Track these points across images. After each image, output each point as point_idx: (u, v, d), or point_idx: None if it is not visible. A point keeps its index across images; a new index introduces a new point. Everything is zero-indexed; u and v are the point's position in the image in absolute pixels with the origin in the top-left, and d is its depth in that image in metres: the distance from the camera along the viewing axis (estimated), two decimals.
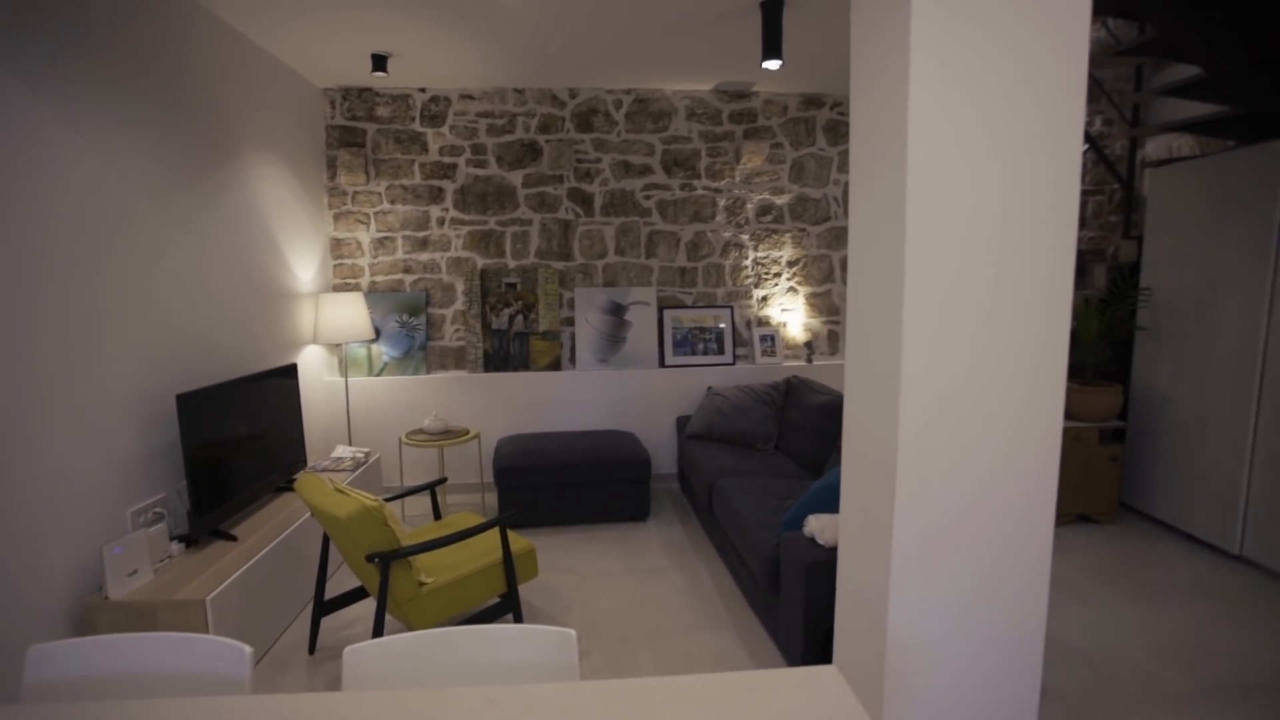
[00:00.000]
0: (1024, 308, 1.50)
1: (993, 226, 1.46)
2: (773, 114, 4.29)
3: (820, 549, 2.11)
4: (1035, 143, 1.45)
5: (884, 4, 1.52)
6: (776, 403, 3.76)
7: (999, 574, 1.59)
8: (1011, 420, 1.53)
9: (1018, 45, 1.41)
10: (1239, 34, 2.78)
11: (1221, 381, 3.03)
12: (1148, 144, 4.26)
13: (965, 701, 1.62)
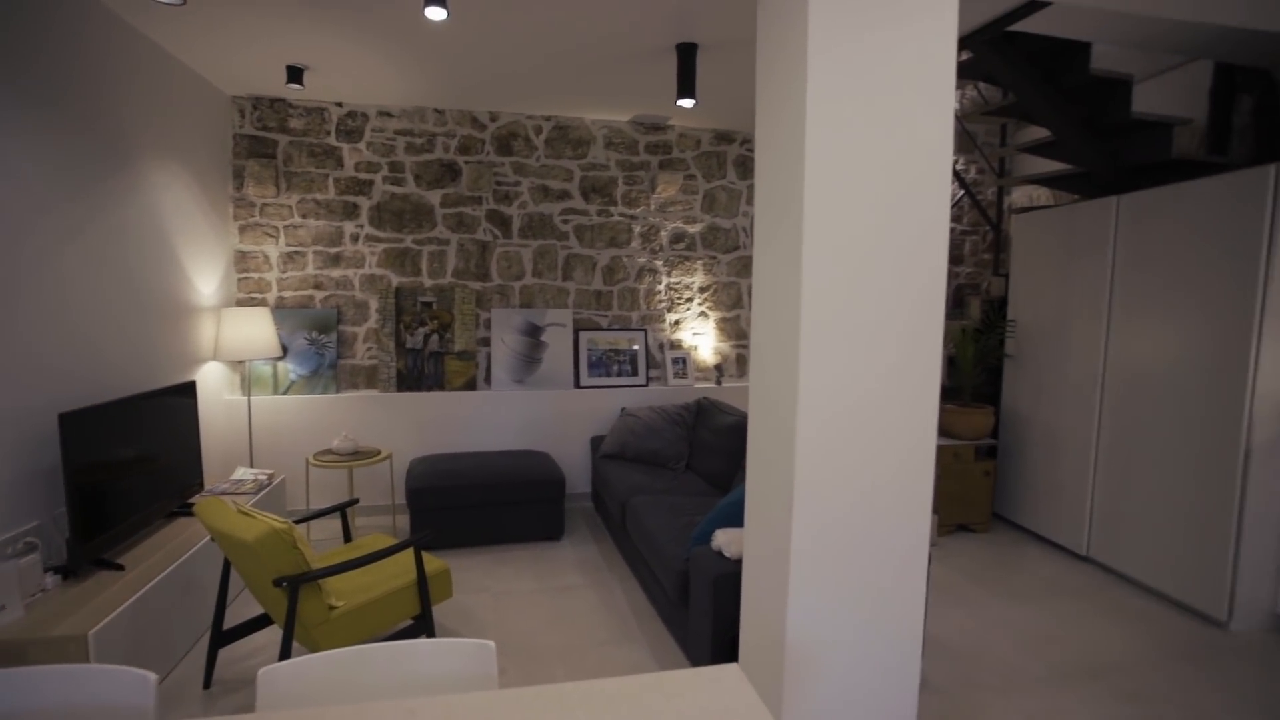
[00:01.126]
0: (903, 336, 1.69)
1: (877, 263, 1.65)
2: (687, 147, 4.50)
3: (727, 562, 2.25)
4: (912, 191, 1.65)
5: (784, 61, 1.70)
6: (687, 423, 3.92)
7: (883, 578, 1.76)
8: (893, 438, 1.72)
9: (897, 103, 1.61)
10: (1079, 107, 3.23)
11: (1071, 403, 3.44)
12: (1013, 192, 4.79)
13: (854, 694, 1.78)
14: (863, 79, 1.59)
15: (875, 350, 1.68)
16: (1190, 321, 2.84)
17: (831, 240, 1.61)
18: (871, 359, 1.68)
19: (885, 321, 1.68)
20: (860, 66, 1.59)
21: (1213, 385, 2.74)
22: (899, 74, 1.62)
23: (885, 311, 1.68)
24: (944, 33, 1.63)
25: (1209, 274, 2.76)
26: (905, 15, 1.59)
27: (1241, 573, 2.68)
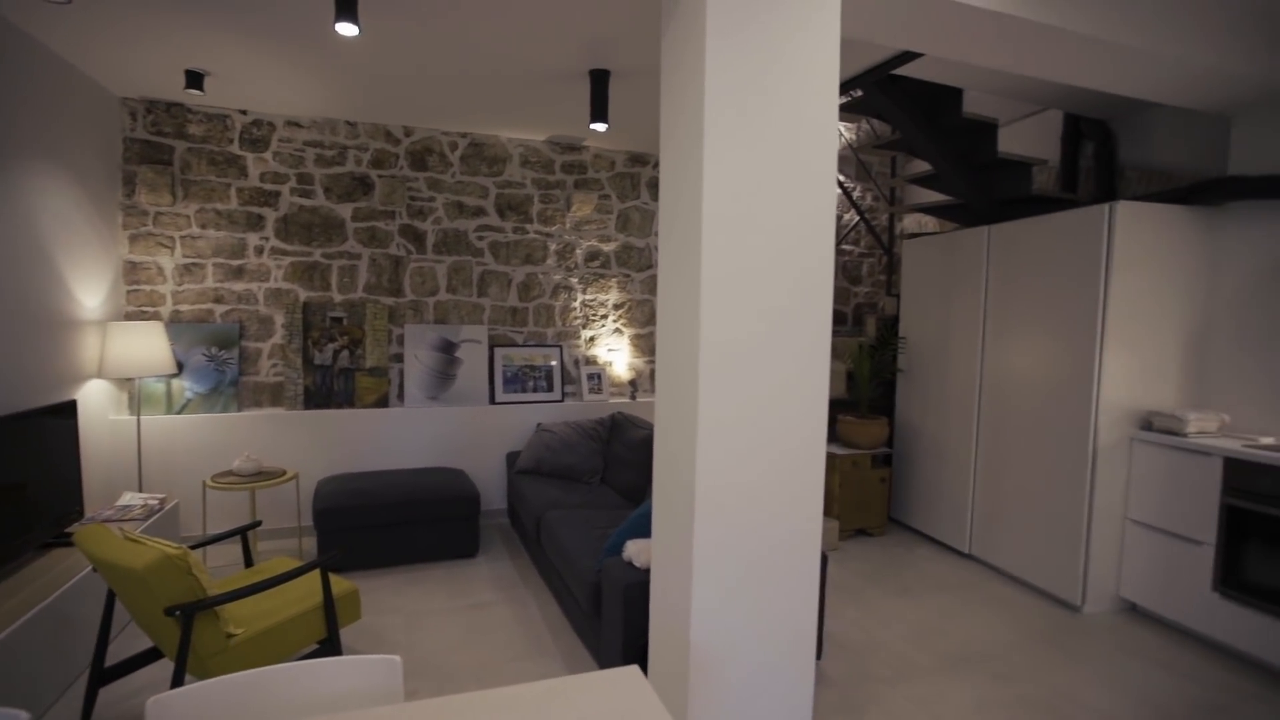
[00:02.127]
0: (794, 353, 1.83)
1: (770, 284, 1.78)
2: (602, 168, 4.62)
3: (637, 571, 2.33)
4: (802, 216, 1.80)
5: (684, 93, 1.83)
6: (602, 437, 4.00)
7: (779, 581, 1.89)
8: (786, 450, 1.85)
9: (787, 136, 1.76)
10: (955, 145, 3.56)
11: (954, 413, 3.76)
12: (905, 219, 5.19)
13: (755, 691, 1.89)
14: (755, 113, 1.73)
15: (769, 367, 1.81)
16: (1048, 339, 3.18)
17: (728, 262, 1.73)
18: (765, 375, 1.81)
19: (778, 339, 1.82)
20: (752, 102, 1.73)
21: (1066, 396, 3.08)
22: (788, 111, 1.77)
23: (778, 329, 1.81)
24: (827, 72, 1.80)
25: (1062, 296, 3.11)
26: (792, 56, 1.75)
27: (1092, 562, 3.01)
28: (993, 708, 2.34)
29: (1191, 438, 2.80)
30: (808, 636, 1.96)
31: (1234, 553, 2.62)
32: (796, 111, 1.78)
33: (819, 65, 1.79)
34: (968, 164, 3.57)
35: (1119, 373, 2.97)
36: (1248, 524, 2.57)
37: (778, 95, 1.76)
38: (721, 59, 1.68)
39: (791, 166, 1.79)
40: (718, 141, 1.70)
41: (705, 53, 1.67)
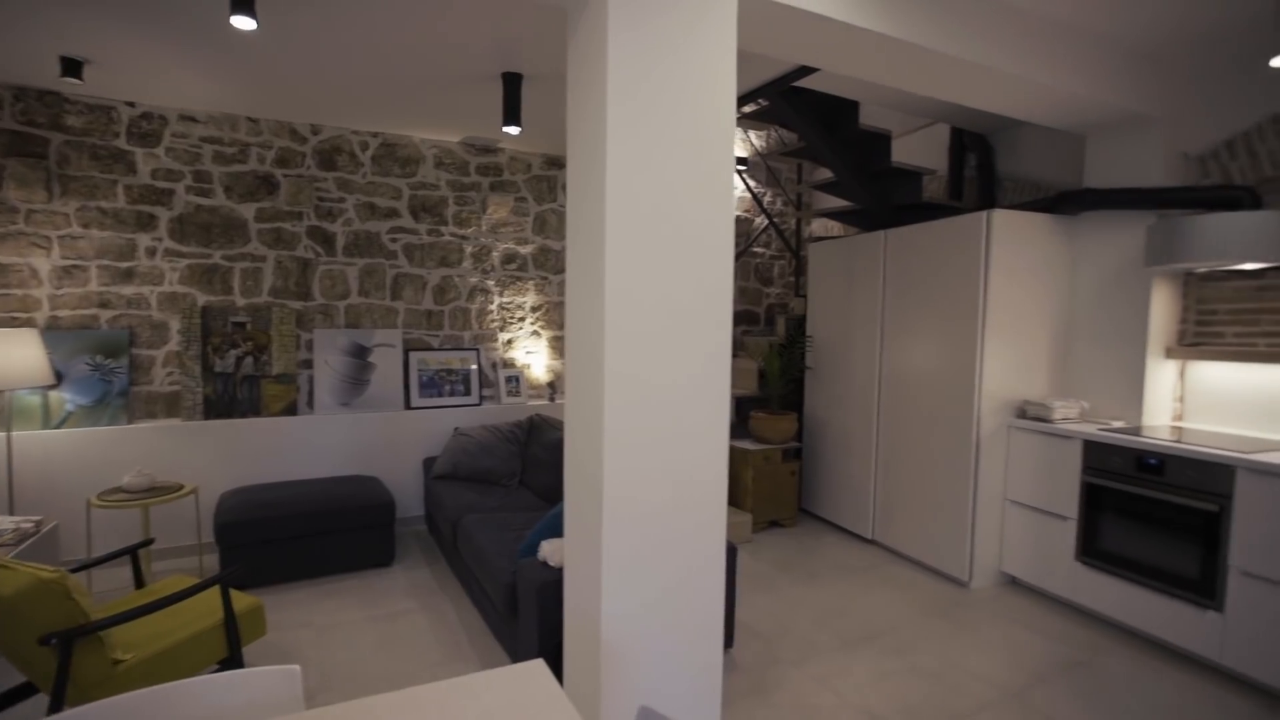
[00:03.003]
0: (697, 352, 1.92)
1: (672, 286, 1.87)
2: (518, 170, 4.61)
3: (552, 570, 2.36)
4: (702, 223, 1.89)
5: (588, 99, 1.89)
6: (520, 440, 4.00)
7: (686, 573, 1.97)
8: (691, 446, 1.93)
9: (686, 142, 1.85)
10: (853, 154, 3.78)
11: (857, 407, 3.99)
12: (812, 223, 5.44)
13: (664, 678, 1.96)
14: (656, 120, 1.80)
15: (673, 364, 1.89)
16: (938, 336, 3.43)
17: (631, 264, 1.80)
18: (669, 372, 1.88)
19: (681, 337, 1.89)
20: (653, 110, 1.80)
21: (953, 388, 3.34)
22: (689, 117, 1.85)
23: (681, 328, 1.89)
24: (724, 81, 1.89)
25: (949, 296, 3.36)
26: (692, 66, 1.83)
27: (977, 541, 3.28)
28: (887, 679, 2.51)
29: (1057, 424, 3.09)
30: (714, 626, 2.05)
31: (1092, 525, 2.92)
32: (697, 118, 1.87)
33: (717, 74, 1.89)
34: (865, 172, 3.80)
35: (997, 366, 3.24)
36: (1103, 499, 2.87)
37: (678, 103, 1.84)
38: (623, 67, 1.75)
39: (692, 171, 1.87)
40: (620, 148, 1.76)
41: (607, 61, 1.73)
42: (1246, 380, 2.94)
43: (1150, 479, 2.70)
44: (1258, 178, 2.90)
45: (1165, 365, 3.15)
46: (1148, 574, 2.71)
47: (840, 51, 2.47)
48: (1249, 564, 2.40)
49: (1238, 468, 2.42)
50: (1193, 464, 2.56)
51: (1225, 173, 3.00)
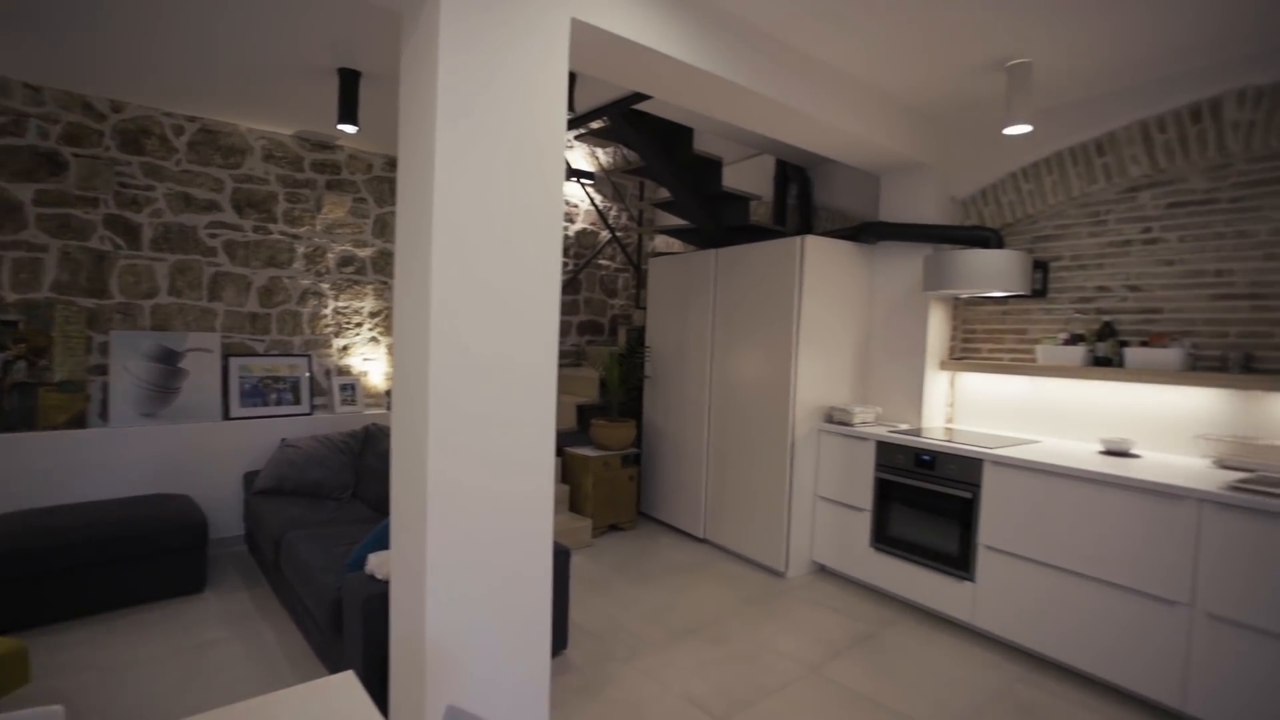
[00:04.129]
0: (522, 360, 1.99)
1: (500, 300, 1.93)
2: (357, 170, 4.43)
3: (379, 583, 2.31)
4: (530, 236, 1.97)
5: (418, 114, 1.90)
6: (354, 450, 3.84)
7: (512, 578, 2.03)
8: (517, 452, 2.00)
9: (517, 157, 1.92)
10: (689, 177, 4.04)
11: (690, 414, 4.26)
12: (656, 238, 5.72)
13: (493, 684, 2.00)
14: (486, 135, 1.85)
15: (499, 373, 1.94)
16: (760, 348, 3.76)
17: (458, 275, 1.83)
18: (496, 380, 1.93)
19: (507, 344, 1.95)
20: (484, 127, 1.85)
21: (773, 396, 3.68)
22: (519, 133, 1.92)
23: (508, 336, 1.95)
24: (555, 100, 1.99)
25: (770, 312, 3.70)
26: (523, 83, 1.91)
27: (792, 534, 3.63)
28: (708, 666, 2.72)
29: (857, 427, 3.52)
30: (542, 629, 2.12)
31: (882, 515, 3.35)
32: (528, 135, 1.94)
33: (549, 93, 1.98)
34: (700, 194, 4.08)
35: (809, 376, 3.62)
36: (891, 492, 3.31)
37: (509, 118, 1.90)
38: (454, 80, 1.79)
39: (522, 186, 1.95)
40: (449, 157, 1.79)
41: (438, 72, 1.76)
42: (997, 388, 3.54)
43: (925, 473, 3.16)
44: (1001, 222, 3.50)
45: (940, 375, 3.69)
46: (924, 554, 3.16)
47: (668, 82, 2.66)
48: (991, 540, 2.88)
49: (984, 460, 2.92)
50: (954, 459, 3.04)
51: (980, 216, 3.59)
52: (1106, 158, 3.09)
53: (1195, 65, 2.80)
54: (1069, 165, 3.22)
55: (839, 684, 2.61)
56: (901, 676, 2.68)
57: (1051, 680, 2.66)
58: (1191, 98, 2.83)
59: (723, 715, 2.39)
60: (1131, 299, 3.07)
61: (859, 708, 2.46)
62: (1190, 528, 2.31)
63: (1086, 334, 3.13)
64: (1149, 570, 2.41)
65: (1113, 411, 3.10)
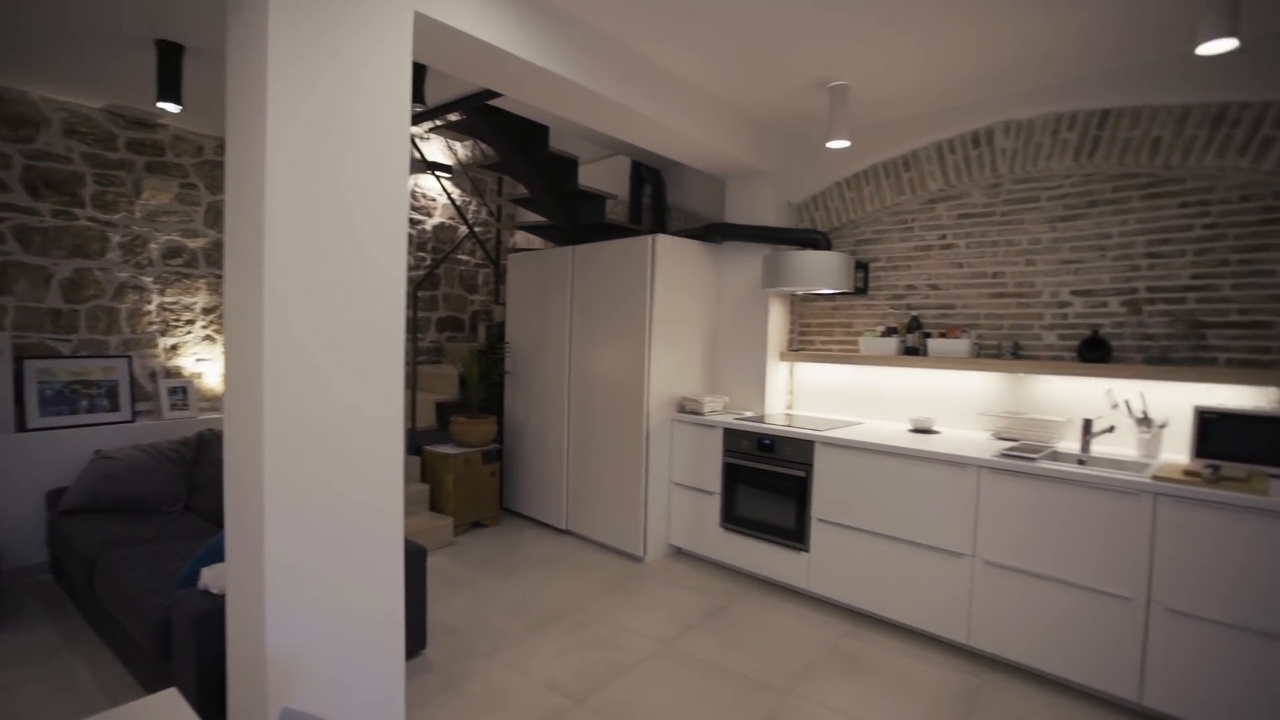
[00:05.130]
0: (368, 354, 1.95)
1: (340, 291, 1.87)
2: (185, 152, 4.05)
3: (214, 598, 2.18)
4: (372, 227, 1.93)
5: (246, 99, 1.81)
6: (187, 459, 3.53)
7: (364, 580, 1.99)
8: (362, 450, 1.96)
9: (358, 151, 1.88)
10: (545, 174, 4.10)
11: (551, 408, 4.33)
12: (517, 234, 5.71)
13: (343, 690, 1.95)
14: (323, 126, 1.80)
15: (341, 368, 1.89)
16: (616, 342, 3.91)
17: (295, 270, 1.77)
18: (337, 376, 1.88)
19: (350, 340, 1.90)
20: (321, 117, 1.80)
21: (628, 388, 3.84)
22: (361, 126, 1.88)
23: (350, 331, 1.90)
24: (399, 92, 1.97)
25: (625, 308, 3.85)
26: (364, 75, 1.87)
27: (649, 520, 3.81)
28: (568, 652, 2.82)
29: (707, 415, 3.76)
30: (395, 631, 2.10)
31: (730, 497, 3.62)
32: (368, 126, 1.90)
33: (391, 85, 1.95)
34: (556, 191, 4.14)
35: (662, 368, 3.81)
36: (737, 474, 3.59)
37: (350, 107, 1.86)
38: (286, 64, 1.72)
39: (364, 176, 1.91)
40: (282, 146, 1.72)
41: (268, 57, 1.69)
42: (828, 376, 3.93)
43: (766, 456, 3.45)
44: (829, 226, 3.89)
45: (780, 366, 4.03)
46: (767, 530, 3.45)
47: (517, 81, 2.70)
48: (822, 513, 3.22)
49: (815, 442, 3.24)
50: (790, 442, 3.35)
51: (812, 220, 3.96)
52: (911, 173, 3.53)
53: (976, 99, 3.27)
54: (883, 178, 3.64)
55: (691, 655, 2.81)
56: (746, 643, 2.93)
57: (873, 632, 3.03)
58: (973, 126, 3.30)
59: (582, 696, 2.50)
60: (933, 296, 3.53)
61: (707, 674, 2.67)
62: (972, 491, 2.73)
63: (899, 327, 3.57)
64: (943, 530, 2.81)
65: (920, 394, 3.55)
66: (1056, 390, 3.11)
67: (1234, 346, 2.67)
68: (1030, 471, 2.57)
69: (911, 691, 2.56)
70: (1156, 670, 2.30)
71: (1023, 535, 2.60)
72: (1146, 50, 2.73)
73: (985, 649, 2.72)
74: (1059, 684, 2.59)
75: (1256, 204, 2.62)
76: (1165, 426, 2.77)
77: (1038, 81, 3.06)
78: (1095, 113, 2.93)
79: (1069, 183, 3.08)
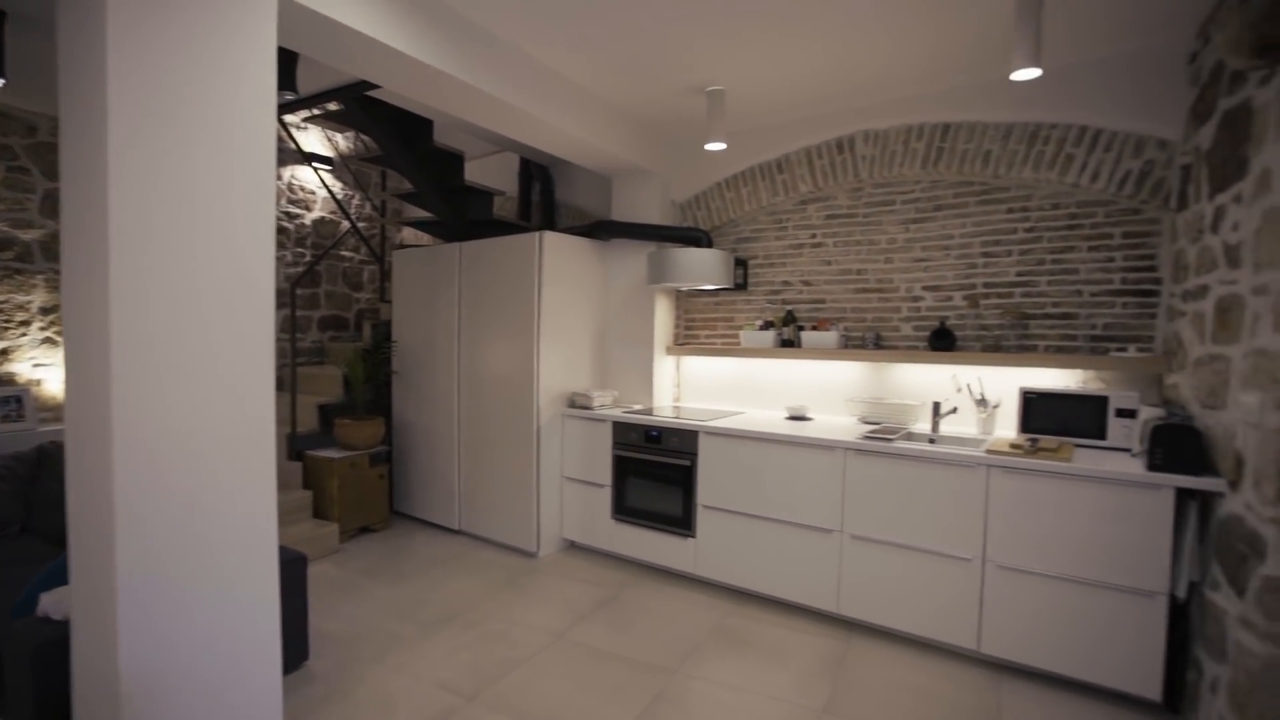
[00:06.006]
0: (234, 354, 1.85)
1: (198, 288, 1.76)
2: (13, 131, 3.64)
3: (57, 625, 2.01)
4: (235, 219, 1.83)
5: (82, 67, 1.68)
6: (23, 476, 3.18)
7: (234, 595, 1.90)
8: (229, 460, 1.87)
9: (216, 140, 1.77)
10: (431, 169, 4.01)
11: (441, 408, 4.25)
12: (404, 230, 5.54)
13: (213, 712, 1.85)
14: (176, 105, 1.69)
15: (204, 369, 1.78)
16: (505, 339, 3.90)
17: (144, 261, 1.66)
18: (197, 382, 1.78)
19: (212, 341, 1.80)
20: (173, 96, 1.69)
21: (518, 385, 3.84)
22: (220, 110, 1.79)
23: (211, 331, 1.80)
24: (264, 79, 1.88)
25: (513, 305, 3.85)
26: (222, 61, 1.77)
27: (542, 516, 3.84)
28: (460, 651, 2.80)
29: (596, 410, 3.84)
30: (271, 645, 2.02)
31: (620, 488, 3.72)
32: (228, 111, 1.81)
33: (255, 69, 1.86)
34: (443, 187, 4.06)
35: (552, 364, 3.85)
36: (627, 466, 3.69)
37: (206, 92, 1.76)
38: (129, 42, 1.60)
39: (224, 165, 1.81)
40: (125, 132, 1.61)
41: (106, 32, 1.57)
42: (713, 369, 4.12)
43: (654, 447, 3.57)
44: (711, 225, 4.07)
45: (667, 360, 4.18)
46: (657, 519, 3.58)
47: (395, 74, 2.64)
48: (707, 500, 3.38)
49: (699, 432, 3.40)
50: (677, 432, 3.48)
51: (695, 219, 4.12)
52: (784, 175, 3.76)
53: (840, 108, 3.54)
54: (759, 179, 3.85)
55: (583, 644, 2.87)
56: (636, 628, 3.03)
57: (755, 609, 3.22)
58: (838, 133, 3.57)
59: (473, 693, 2.51)
60: (805, 291, 3.78)
61: (598, 660, 2.75)
62: (839, 471, 2.96)
63: (775, 320, 3.79)
64: (816, 509, 3.04)
65: (796, 384, 3.80)
66: (913, 377, 3.42)
67: (1050, 335, 3.06)
68: (888, 451, 2.83)
69: (787, 660, 2.76)
70: (991, 621, 2.61)
71: (883, 509, 2.86)
72: (978, 73, 3.06)
73: (853, 615, 2.96)
74: (915, 641, 2.87)
75: (1064, 211, 3.02)
76: (998, 406, 3.13)
77: (892, 95, 3.35)
78: (939, 126, 3.25)
79: (919, 188, 3.40)
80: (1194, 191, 2.49)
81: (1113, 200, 2.90)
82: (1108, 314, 2.94)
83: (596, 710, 2.41)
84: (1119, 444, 2.71)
